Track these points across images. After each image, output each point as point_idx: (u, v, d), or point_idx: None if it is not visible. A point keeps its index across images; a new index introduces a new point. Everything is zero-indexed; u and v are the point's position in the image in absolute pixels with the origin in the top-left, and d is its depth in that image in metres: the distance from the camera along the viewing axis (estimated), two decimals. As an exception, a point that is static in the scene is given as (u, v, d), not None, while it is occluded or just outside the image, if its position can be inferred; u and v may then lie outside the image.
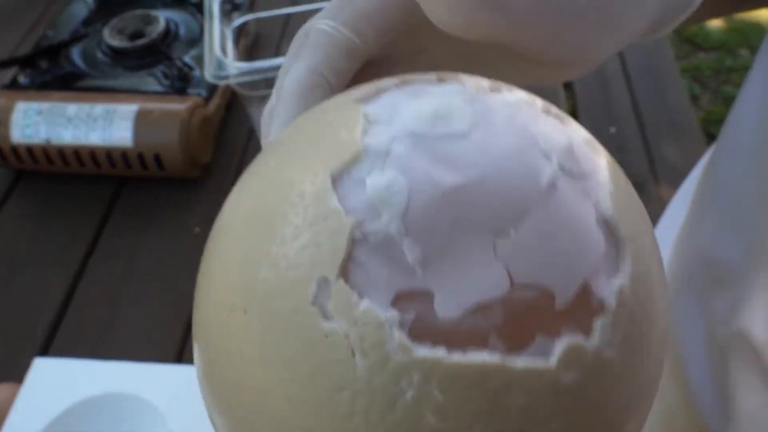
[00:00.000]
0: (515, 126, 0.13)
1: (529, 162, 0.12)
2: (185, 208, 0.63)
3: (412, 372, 0.11)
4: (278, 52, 0.72)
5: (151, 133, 0.61)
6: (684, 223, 0.31)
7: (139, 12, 0.73)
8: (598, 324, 0.12)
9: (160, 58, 0.68)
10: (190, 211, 0.63)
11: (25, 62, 0.67)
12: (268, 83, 0.62)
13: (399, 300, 0.11)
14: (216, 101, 0.66)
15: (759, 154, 0.25)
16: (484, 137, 0.13)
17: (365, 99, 0.14)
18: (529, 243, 0.12)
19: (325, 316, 0.11)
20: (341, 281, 0.11)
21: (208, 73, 0.55)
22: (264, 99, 0.67)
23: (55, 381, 0.48)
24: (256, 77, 0.56)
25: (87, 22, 0.74)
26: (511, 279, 0.11)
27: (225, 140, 0.69)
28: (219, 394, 0.14)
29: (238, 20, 0.64)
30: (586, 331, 0.12)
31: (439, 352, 0.11)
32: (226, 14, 0.63)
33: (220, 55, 0.56)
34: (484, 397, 0.11)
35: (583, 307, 0.12)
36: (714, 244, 0.27)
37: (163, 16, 0.72)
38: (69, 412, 0.46)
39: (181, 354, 0.53)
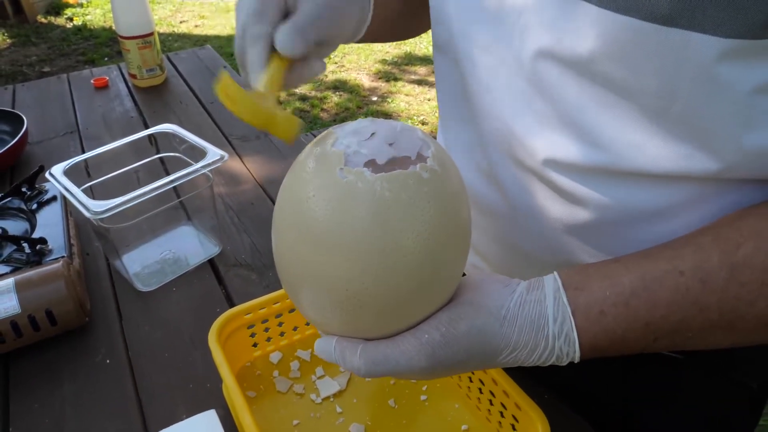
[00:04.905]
0: (389, 125, 0.39)
1: (392, 128, 0.38)
2: (85, 350, 0.68)
3: (365, 175, 0.35)
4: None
5: (36, 293, 0.66)
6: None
7: (-43, 228, 0.78)
8: (420, 165, 0.36)
9: (4, 251, 0.74)
10: (91, 350, 0.68)
11: None
12: (123, 213, 0.74)
13: (364, 164, 0.36)
14: (76, 260, 0.74)
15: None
16: (377, 126, 0.38)
17: (338, 126, 0.40)
18: (396, 145, 0.37)
19: (342, 177, 0.36)
20: (346, 166, 0.36)
21: (87, 214, 0.66)
22: (121, 228, 0.77)
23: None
24: (114, 210, 0.68)
25: None
26: (395, 153, 0.37)
27: (94, 289, 0.77)
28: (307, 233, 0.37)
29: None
30: (423, 167, 0.36)
31: (375, 173, 0.36)
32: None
33: (83, 202, 0.67)
34: (392, 182, 0.35)
35: (420, 160, 0.37)
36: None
37: (-16, 224, 0.78)
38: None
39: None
